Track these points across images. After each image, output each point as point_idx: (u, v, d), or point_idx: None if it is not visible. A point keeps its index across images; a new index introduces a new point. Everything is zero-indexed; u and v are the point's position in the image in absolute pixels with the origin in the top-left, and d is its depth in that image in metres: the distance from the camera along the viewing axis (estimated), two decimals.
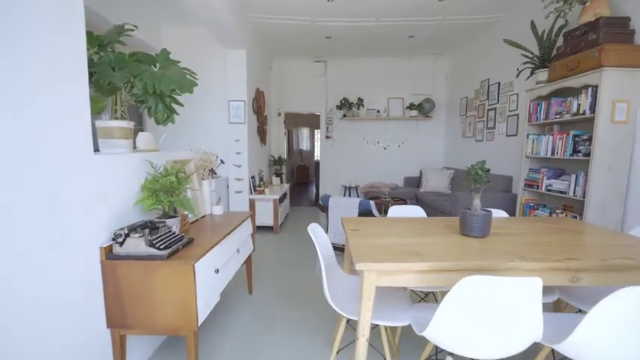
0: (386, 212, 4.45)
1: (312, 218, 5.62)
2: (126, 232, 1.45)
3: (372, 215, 2.92)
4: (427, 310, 1.48)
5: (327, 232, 3.31)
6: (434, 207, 4.71)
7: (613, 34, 2.52)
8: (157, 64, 1.63)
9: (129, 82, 1.59)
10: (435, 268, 1.25)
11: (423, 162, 6.55)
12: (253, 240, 2.63)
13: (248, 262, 2.59)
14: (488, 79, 4.77)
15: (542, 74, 3.22)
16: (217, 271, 1.71)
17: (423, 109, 6.23)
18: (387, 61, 6.35)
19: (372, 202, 2.98)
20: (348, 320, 1.58)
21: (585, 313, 1.06)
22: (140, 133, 1.96)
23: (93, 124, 1.58)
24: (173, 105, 1.62)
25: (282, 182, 6.04)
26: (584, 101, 2.71)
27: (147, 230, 1.58)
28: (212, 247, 1.65)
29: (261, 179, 5.02)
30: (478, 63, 5.05)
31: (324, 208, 3.22)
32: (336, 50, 5.79)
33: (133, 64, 1.56)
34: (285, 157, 6.57)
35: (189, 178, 1.80)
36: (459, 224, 1.69)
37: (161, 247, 1.47)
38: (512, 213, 4.01)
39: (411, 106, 6.24)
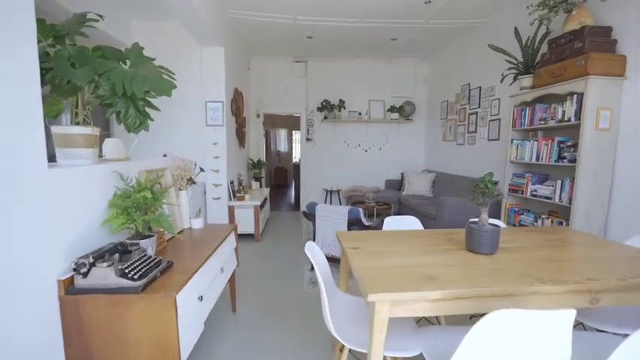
0: (371, 216, 4.36)
1: (294, 224, 5.44)
2: (91, 260, 1.22)
3: (362, 223, 2.80)
4: (437, 336, 1.36)
5: (313, 241, 3.15)
6: (418, 211, 4.69)
7: (598, 43, 2.55)
8: (128, 62, 1.39)
9: (93, 81, 1.35)
10: (454, 296, 1.13)
11: (403, 165, 6.56)
12: (237, 254, 2.42)
13: (232, 278, 2.37)
14: (469, 84, 4.82)
15: (527, 80, 3.24)
16: (201, 298, 1.51)
17: (404, 111, 6.23)
18: (369, 63, 6.29)
19: (361, 210, 2.86)
20: (350, 349, 1.43)
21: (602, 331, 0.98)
22: (107, 140, 1.70)
23: (49, 130, 1.33)
24: (147, 109, 1.39)
25: (261, 186, 5.80)
26: (569, 108, 2.74)
27: (117, 256, 1.35)
28: (195, 272, 1.44)
29: (240, 184, 4.77)
30: (459, 67, 5.09)
31: (310, 217, 3.06)
32: (317, 50, 5.64)
33: (98, 61, 1.33)
34: (264, 160, 6.34)
35: (167, 192, 1.58)
36: (465, 239, 1.59)
37: (135, 276, 1.25)
38: (496, 217, 4.04)
39: (392, 109, 6.22)
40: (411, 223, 2.13)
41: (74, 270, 1.21)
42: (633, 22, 2.51)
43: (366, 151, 6.58)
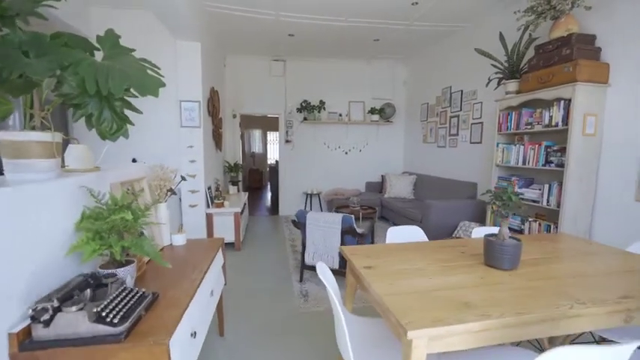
0: (357, 220, 4.22)
1: (274, 229, 5.20)
2: (55, 303, 0.96)
3: (355, 232, 2.66)
4: None
5: (303, 252, 2.97)
6: (402, 215, 4.65)
7: (584, 51, 2.60)
8: (100, 53, 1.14)
9: (54, 75, 1.08)
10: (499, 326, 1.00)
11: (383, 167, 6.53)
12: (224, 271, 2.18)
13: (219, 298, 2.13)
14: (450, 87, 4.86)
15: (512, 85, 3.28)
16: (194, 334, 1.28)
17: (384, 113, 6.21)
18: (349, 64, 6.20)
19: (353, 218, 2.72)
20: None
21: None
22: (71, 147, 1.41)
23: None
24: (126, 112, 1.14)
25: (239, 191, 5.50)
26: (556, 113, 2.78)
27: (89, 292, 1.09)
28: (187, 306, 1.21)
29: (217, 189, 4.46)
30: (440, 70, 5.13)
31: (300, 225, 2.87)
32: (297, 49, 5.45)
33: (62, 50, 1.06)
34: (241, 163, 6.04)
35: (149, 210, 1.33)
36: (483, 253, 1.49)
37: (115, 319, 1.00)
38: (480, 220, 4.09)
39: (372, 111, 6.17)
40: (414, 233, 2.01)
41: (32, 318, 0.94)
42: (616, 32, 2.59)
43: (346, 153, 6.48)
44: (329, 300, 2.71)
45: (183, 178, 2.17)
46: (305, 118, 6.08)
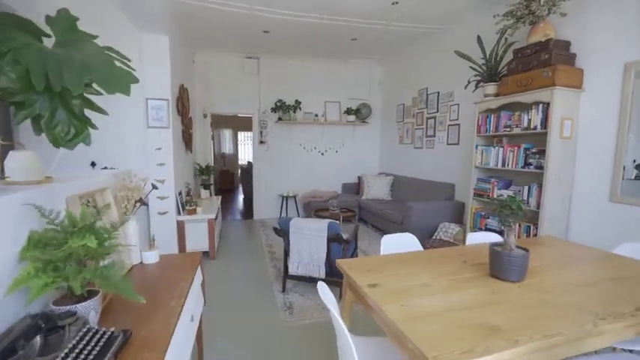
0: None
1: (249, 235, 4.95)
2: None
3: (341, 239, 2.53)
4: None
5: (285, 260, 2.79)
6: (382, 216, 4.60)
7: (562, 56, 2.67)
8: (51, 38, 0.90)
9: None
10: (527, 352, 0.91)
11: (359, 168, 6.50)
12: (204, 289, 1.96)
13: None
14: (427, 88, 4.89)
15: (491, 88, 3.32)
16: None
17: (360, 114, 6.16)
18: (325, 63, 6.08)
19: (339, 224, 2.59)
20: None
21: None
22: (12, 154, 1.15)
23: None
24: (88, 112, 0.92)
25: (211, 195, 5.19)
26: (535, 117, 2.84)
27: (38, 341, 0.86)
28: (168, 345, 1.01)
29: (188, 194, 4.14)
30: (416, 71, 5.15)
31: (282, 233, 2.69)
32: (272, 47, 5.23)
33: None
34: (212, 165, 5.71)
35: (118, 229, 1.10)
36: (489, 264, 1.42)
37: None
38: (459, 220, 4.14)
39: (348, 111, 6.10)
40: (408, 241, 1.92)
41: None
42: (588, 39, 2.68)
43: (322, 154, 6.36)
44: (316, 312, 2.58)
45: (154, 187, 1.92)
46: (280, 118, 5.88)
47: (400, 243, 1.91)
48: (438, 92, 4.62)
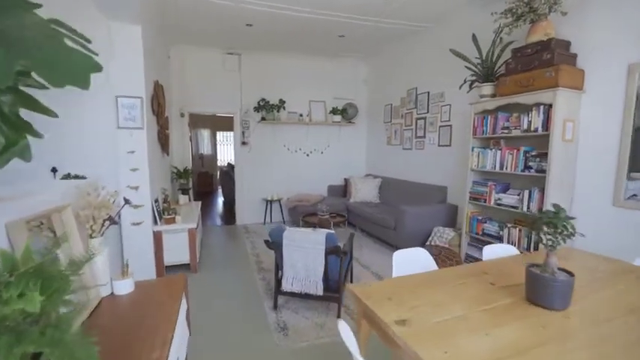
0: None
1: (232, 242, 4.64)
2: None
3: (339, 251, 2.32)
4: None
5: (278, 276, 2.55)
6: (373, 221, 4.44)
7: (564, 56, 2.59)
8: None
9: None
10: None
11: (345, 169, 6.32)
12: (189, 319, 1.68)
13: None
14: (416, 88, 4.78)
15: (488, 88, 3.22)
16: None
17: (346, 114, 5.98)
18: (309, 61, 5.85)
19: (337, 235, 2.38)
20: None
21: None
22: None
23: None
24: (25, 114, 0.64)
25: (190, 200, 4.83)
26: (536, 118, 2.75)
27: None
28: None
29: (165, 201, 3.79)
30: (405, 71, 5.03)
31: (274, 246, 2.44)
32: (255, 42, 4.94)
33: None
34: (190, 168, 5.33)
35: (82, 269, 0.82)
36: (525, 288, 1.25)
37: None
38: (451, 224, 4.04)
39: (334, 111, 5.90)
40: (422, 258, 1.74)
41: None
42: (589, 39, 2.61)
43: (307, 155, 6.13)
44: (313, 332, 2.34)
45: (127, 202, 1.62)
46: (263, 118, 5.59)
47: (412, 259, 1.72)
48: (428, 92, 4.51)
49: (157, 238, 3.28)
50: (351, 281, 2.40)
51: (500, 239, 3.13)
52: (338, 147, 6.27)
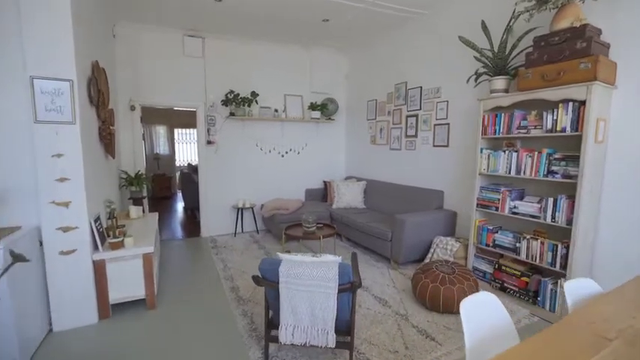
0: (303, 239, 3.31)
1: (199, 263, 3.87)
2: None
3: (357, 284, 1.77)
4: None
5: (269, 316, 1.93)
6: (365, 232, 3.93)
7: (599, 46, 2.26)
8: None
9: None
10: None
11: (324, 171, 5.78)
12: None
13: None
14: (406, 82, 4.36)
15: (500, 82, 2.85)
16: None
17: (326, 110, 5.43)
18: (285, 49, 5.20)
19: (349, 266, 1.82)
20: None
21: None
22: None
23: None
24: None
25: (144, 212, 3.98)
26: (563, 117, 2.41)
27: None
28: None
29: (112, 217, 2.95)
30: (394, 63, 4.58)
31: (267, 283, 1.82)
32: (222, 22, 4.19)
33: None
34: (144, 172, 4.43)
35: None
36: None
37: None
38: (450, 232, 3.67)
39: (313, 107, 5.32)
40: (498, 312, 1.24)
41: None
42: (623, 27, 2.31)
43: (282, 156, 5.48)
44: None
45: (17, 259, 0.91)
46: (232, 114, 4.84)
47: (486, 312, 1.21)
48: (421, 87, 4.11)
49: (99, 269, 2.47)
50: (353, 311, 1.88)
51: (515, 252, 2.79)
52: (316, 146, 5.69)
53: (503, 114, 2.83)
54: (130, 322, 2.52)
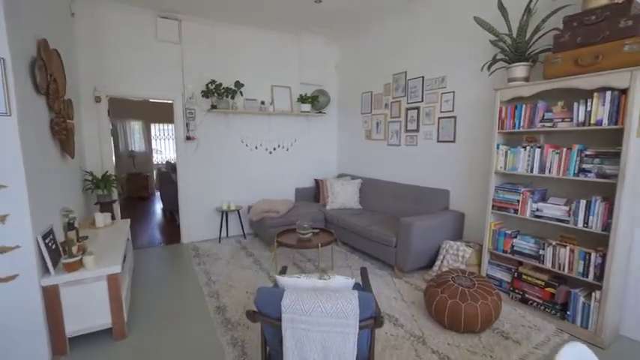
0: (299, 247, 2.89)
1: (178, 276, 3.41)
2: None
3: (381, 319, 1.40)
4: None
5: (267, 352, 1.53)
6: (366, 236, 3.57)
7: None
8: None
9: None
10: None
11: (315, 169, 5.39)
12: None
13: None
14: (406, 72, 4.01)
15: (521, 70, 2.53)
16: None
17: (317, 102, 5.02)
18: (272, 35, 4.74)
19: (371, 296, 1.44)
20: None
21: None
22: None
23: None
24: None
25: (114, 218, 3.47)
26: (598, 108, 2.12)
27: None
28: None
29: (72, 228, 2.45)
30: (391, 52, 4.21)
31: (265, 319, 1.42)
32: (199, 3, 3.69)
33: None
34: (113, 173, 3.89)
35: None
36: None
37: None
38: (458, 236, 3.37)
39: (303, 99, 4.90)
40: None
41: None
42: None
43: (270, 152, 5.04)
44: None
45: None
46: (214, 106, 4.36)
47: None
48: (423, 77, 3.76)
49: (51, 296, 2.00)
50: (372, 351, 1.49)
51: (538, 259, 2.50)
52: (306, 142, 5.28)
53: (524, 105, 2.52)
54: (92, 357, 2.07)
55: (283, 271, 2.13)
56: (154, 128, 8.84)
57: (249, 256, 3.83)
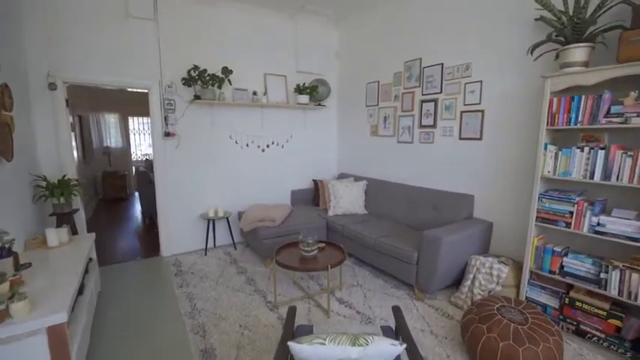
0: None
1: (154, 303, 2.82)
2: None
3: None
4: None
5: None
6: (381, 250, 3.07)
7: None
8: None
9: None
10: None
11: (314, 168, 4.85)
12: None
13: None
14: (421, 59, 3.49)
15: (579, 52, 2.05)
16: None
17: (317, 93, 4.46)
18: (264, 16, 4.13)
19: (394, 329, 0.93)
20: None
21: None
22: None
23: None
24: None
25: (75, 233, 2.85)
26: None
27: None
28: None
29: (8, 255, 1.84)
30: (402, 36, 3.68)
31: None
32: None
33: None
34: (74, 176, 3.24)
35: None
36: None
37: None
38: (485, 249, 2.92)
39: (300, 89, 4.32)
40: None
41: None
42: None
43: (263, 150, 4.46)
44: None
45: None
46: (197, 96, 3.73)
47: None
48: (442, 64, 3.26)
49: None
50: None
51: (598, 284, 2.06)
52: (304, 138, 4.72)
53: (583, 97, 2.05)
54: None
55: (295, 332, 1.58)
56: (133, 121, 8.08)
57: (241, 274, 3.28)
